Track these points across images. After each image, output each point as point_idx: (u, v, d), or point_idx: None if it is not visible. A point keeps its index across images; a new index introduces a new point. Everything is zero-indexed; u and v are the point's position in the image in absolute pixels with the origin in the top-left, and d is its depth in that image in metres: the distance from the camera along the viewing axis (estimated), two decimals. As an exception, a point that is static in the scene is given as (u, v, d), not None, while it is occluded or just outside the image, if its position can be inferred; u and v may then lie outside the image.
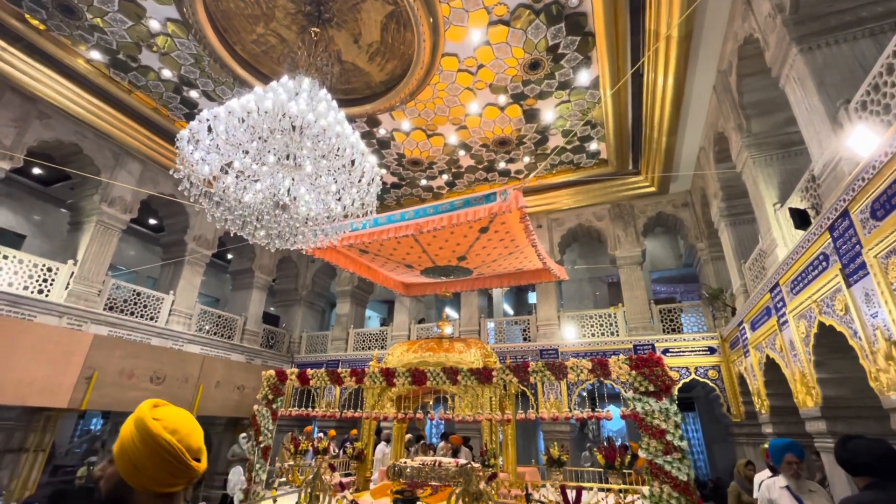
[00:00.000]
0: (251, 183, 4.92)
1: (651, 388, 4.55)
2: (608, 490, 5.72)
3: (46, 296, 7.89)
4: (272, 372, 6.52)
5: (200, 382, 9.34)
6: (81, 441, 13.88)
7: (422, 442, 9.14)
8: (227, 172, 4.88)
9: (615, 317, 10.45)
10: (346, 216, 5.62)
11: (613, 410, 5.07)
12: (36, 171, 10.92)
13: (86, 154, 8.85)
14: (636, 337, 9.76)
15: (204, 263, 11.10)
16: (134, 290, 9.58)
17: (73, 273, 8.33)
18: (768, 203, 5.92)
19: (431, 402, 6.92)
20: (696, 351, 9.18)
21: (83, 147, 8.79)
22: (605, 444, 5.66)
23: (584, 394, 9.57)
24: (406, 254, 7.53)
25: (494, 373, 5.51)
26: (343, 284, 13.87)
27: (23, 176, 11.14)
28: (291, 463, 7.06)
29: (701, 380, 8.96)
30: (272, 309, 15.20)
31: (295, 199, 4.87)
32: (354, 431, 8.69)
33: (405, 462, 6.09)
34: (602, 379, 5.12)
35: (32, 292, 7.73)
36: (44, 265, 8.06)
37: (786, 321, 5.42)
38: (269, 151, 4.83)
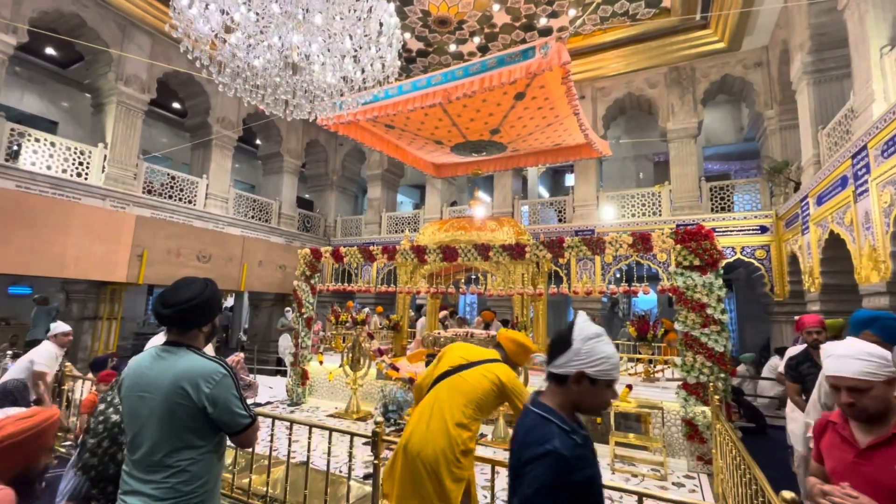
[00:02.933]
0: (258, 43, 4.38)
1: (696, 263, 4.26)
2: (637, 360, 5.85)
3: (85, 179, 8.07)
4: (308, 250, 6.66)
5: (244, 262, 9.84)
6: (151, 313, 15.62)
7: (457, 317, 9.59)
8: (230, 32, 4.34)
9: (659, 196, 9.80)
10: (365, 81, 5.03)
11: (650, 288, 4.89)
12: (49, 51, 10.48)
13: (90, 27, 8.25)
14: (681, 216, 9.21)
15: (232, 146, 10.94)
16: (169, 174, 9.69)
17: (105, 156, 8.38)
18: (874, 47, 4.82)
19: (463, 279, 7.00)
20: (745, 230, 8.63)
21: (86, 18, 8.15)
22: (638, 317, 5.62)
23: (619, 274, 9.45)
24: (435, 128, 6.98)
25: (527, 248, 5.33)
26: (373, 168, 13.57)
27: (39, 58, 10.76)
28: (334, 332, 7.61)
29: (746, 259, 8.58)
30: (307, 195, 15.36)
31: (308, 57, 4.33)
32: (380, 308, 9.16)
33: (439, 332, 6.36)
34: (643, 254, 4.85)
35: (71, 175, 7.90)
36: (76, 148, 8.11)
37: (865, 191, 4.77)
38: (273, 1, 4.19)
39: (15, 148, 7.52)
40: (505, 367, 2.24)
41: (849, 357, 1.42)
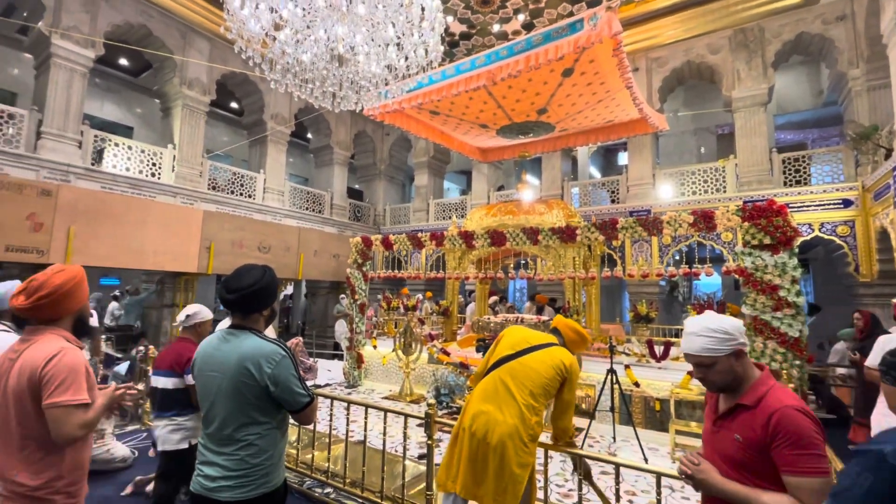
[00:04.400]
0: (305, 38, 4.50)
1: (766, 241, 3.94)
2: (700, 346, 5.52)
3: (158, 178, 8.78)
4: (359, 239, 6.86)
5: (300, 251, 10.32)
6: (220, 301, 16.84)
7: (508, 304, 9.53)
8: (279, 29, 4.49)
9: (723, 171, 9.11)
10: (408, 69, 5.03)
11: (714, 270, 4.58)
12: (123, 62, 11.38)
13: (156, 36, 8.86)
14: (749, 192, 8.52)
15: (285, 141, 11.42)
16: (230, 171, 10.32)
17: (174, 156, 9.05)
18: None
19: (512, 264, 6.92)
20: (825, 205, 7.83)
21: (151, 28, 8.76)
22: (700, 301, 5.30)
23: (678, 256, 8.94)
24: (479, 111, 6.87)
25: (578, 231, 5.17)
26: (419, 155, 13.65)
27: (113, 68, 11.72)
28: (386, 317, 7.82)
29: (826, 237, 7.80)
30: (356, 186, 15.77)
31: (353, 48, 4.39)
32: (429, 294, 9.25)
33: (489, 318, 6.36)
34: (705, 234, 4.55)
35: (146, 175, 8.62)
36: (150, 150, 8.82)
37: (975, 154, 4.16)
38: (316, -6, 4.27)
39: (98, 153, 8.29)
40: (568, 353, 2.20)
41: (693, 334, 1.44)
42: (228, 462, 1.52)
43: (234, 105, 13.54)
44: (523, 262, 7.09)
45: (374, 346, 6.65)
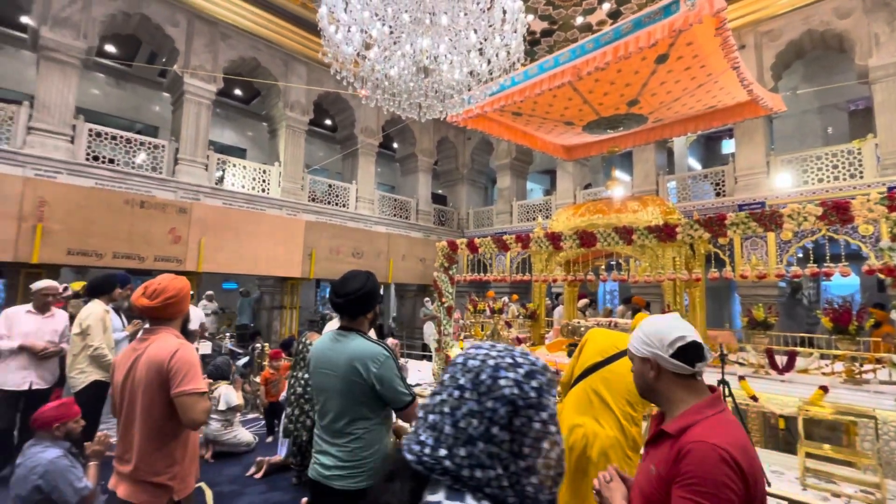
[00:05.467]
0: (392, 53, 4.75)
1: (924, 234, 3.30)
2: (835, 357, 4.78)
3: (266, 193, 9.82)
4: (444, 243, 7.02)
5: (390, 256, 10.85)
6: (320, 303, 18.30)
7: (602, 308, 9.10)
8: (369, 48, 4.79)
9: (859, 153, 7.81)
10: (491, 73, 5.07)
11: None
12: (237, 91, 12.93)
13: (263, 66, 9.94)
14: (894, 177, 7.21)
15: (374, 152, 12.11)
16: (327, 183, 11.22)
17: (280, 172, 10.06)
18: None
19: (604, 266, 6.59)
20: None
21: (260, 60, 9.85)
22: (834, 304, 4.58)
23: (801, 254, 7.84)
24: (564, 108, 6.66)
25: (679, 229, 4.77)
26: (501, 158, 13.61)
27: (229, 98, 13.37)
28: (472, 320, 7.90)
29: None
30: (440, 191, 16.19)
31: (436, 58, 4.54)
32: (515, 297, 9.12)
33: (578, 322, 6.13)
34: (837, 227, 3.94)
35: (258, 191, 9.70)
36: (260, 168, 9.91)
37: None
38: (403, 11, 4.49)
39: (220, 173, 9.51)
40: None
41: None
42: (341, 453, 1.66)
43: (328, 122, 14.68)
44: (614, 262, 6.73)
45: (462, 348, 6.74)
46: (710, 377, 4.00)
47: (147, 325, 1.85)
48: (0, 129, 6.97)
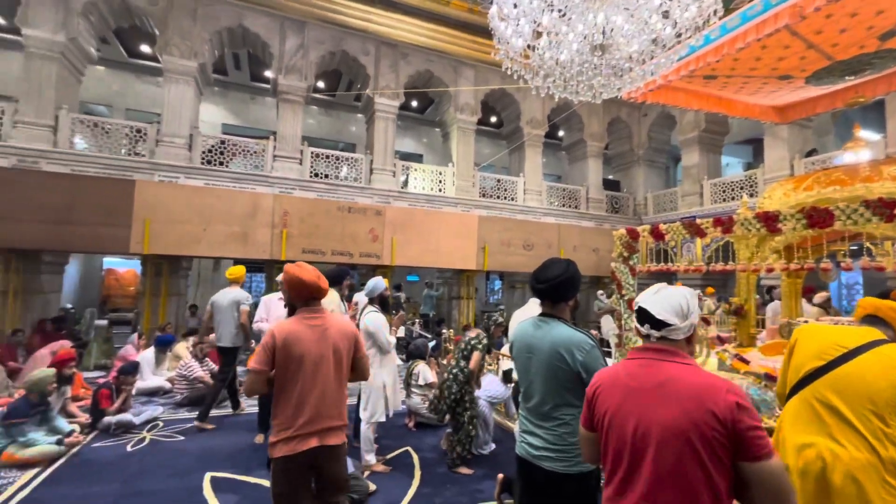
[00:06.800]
0: (564, 37, 4.60)
1: None
2: None
3: (443, 192, 10.68)
4: (623, 231, 6.50)
5: (560, 247, 10.62)
6: (493, 294, 19.08)
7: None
8: (539, 37, 4.74)
9: None
10: (679, 35, 4.50)
11: None
12: (413, 103, 14.37)
13: (436, 76, 10.80)
14: None
15: (540, 143, 11.99)
16: (495, 178, 11.59)
17: (453, 172, 10.82)
18: None
19: (845, 251, 5.17)
20: None
21: (433, 70, 10.73)
22: None
23: None
24: (778, 59, 5.43)
25: (982, 196, 3.44)
26: (686, 131, 11.90)
27: (407, 110, 14.94)
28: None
29: None
30: (611, 176, 15.09)
31: (612, 30, 4.22)
32: (711, 289, 7.85)
33: (805, 320, 4.97)
34: None
35: (435, 191, 10.62)
36: (436, 171, 10.84)
37: None
38: (573, -9, 4.32)
39: (404, 178, 10.75)
40: None
41: None
42: (549, 436, 1.70)
43: (493, 119, 15.13)
44: (854, 247, 5.23)
45: (722, 359, 6.16)
46: None
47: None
48: (258, 159, 9.25)
